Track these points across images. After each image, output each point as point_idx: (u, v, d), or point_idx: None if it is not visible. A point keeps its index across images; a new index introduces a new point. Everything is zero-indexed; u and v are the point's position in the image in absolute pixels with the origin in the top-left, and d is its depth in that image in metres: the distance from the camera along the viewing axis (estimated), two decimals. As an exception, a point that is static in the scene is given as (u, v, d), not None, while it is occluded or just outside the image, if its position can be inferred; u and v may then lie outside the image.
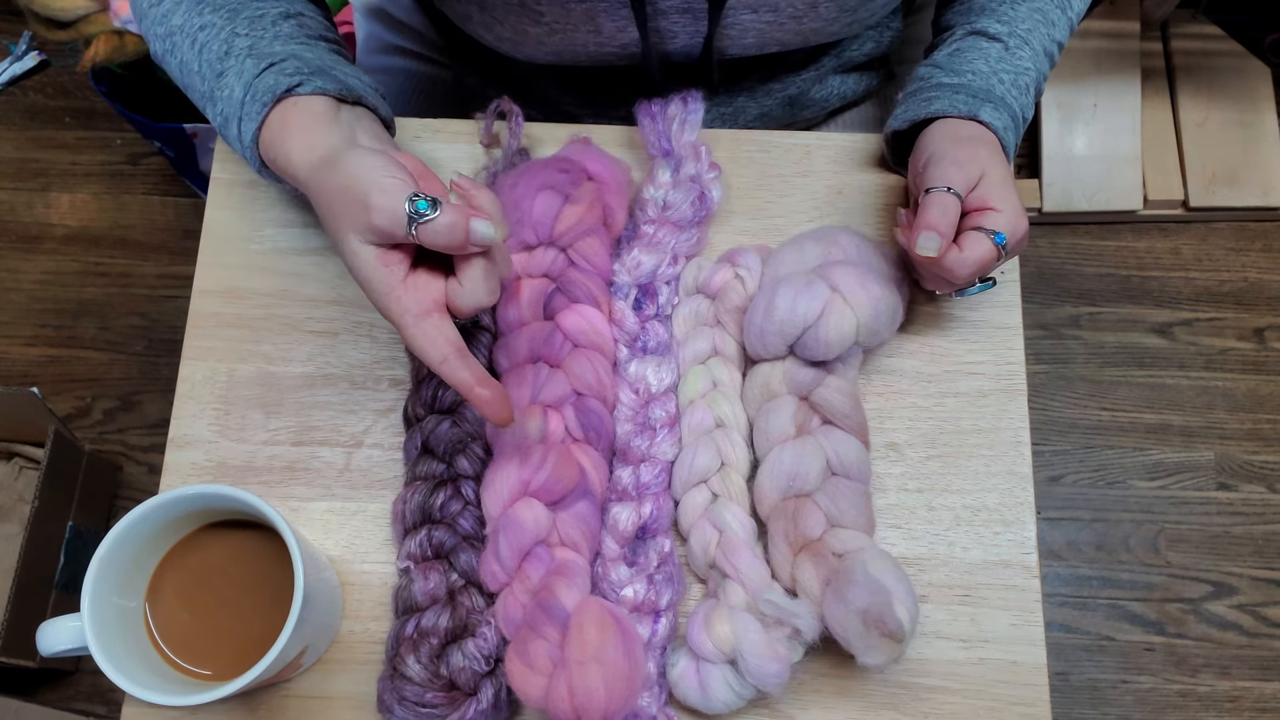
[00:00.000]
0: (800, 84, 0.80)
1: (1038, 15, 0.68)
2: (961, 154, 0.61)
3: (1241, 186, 1.49)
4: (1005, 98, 0.66)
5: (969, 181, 0.61)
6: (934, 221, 0.59)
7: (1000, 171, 0.62)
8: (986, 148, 0.62)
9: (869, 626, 0.54)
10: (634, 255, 0.67)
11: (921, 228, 0.59)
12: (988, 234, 0.60)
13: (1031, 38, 0.67)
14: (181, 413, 0.67)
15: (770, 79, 0.79)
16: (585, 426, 0.62)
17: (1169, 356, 1.47)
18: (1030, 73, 0.67)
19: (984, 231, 0.60)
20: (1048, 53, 0.69)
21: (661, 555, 0.61)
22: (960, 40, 0.68)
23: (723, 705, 0.58)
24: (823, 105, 0.84)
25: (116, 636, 0.54)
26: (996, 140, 0.64)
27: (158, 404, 1.45)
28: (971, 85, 0.65)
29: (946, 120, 0.65)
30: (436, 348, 0.51)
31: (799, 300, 0.61)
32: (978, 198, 0.61)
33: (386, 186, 0.50)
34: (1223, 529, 1.38)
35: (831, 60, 0.80)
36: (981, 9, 0.69)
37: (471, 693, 0.57)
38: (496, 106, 0.72)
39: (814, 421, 0.63)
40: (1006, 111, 0.65)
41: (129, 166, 1.59)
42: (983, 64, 0.66)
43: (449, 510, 0.61)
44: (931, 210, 0.59)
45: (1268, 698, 1.31)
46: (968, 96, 0.65)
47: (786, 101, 0.81)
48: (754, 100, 0.80)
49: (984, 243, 0.60)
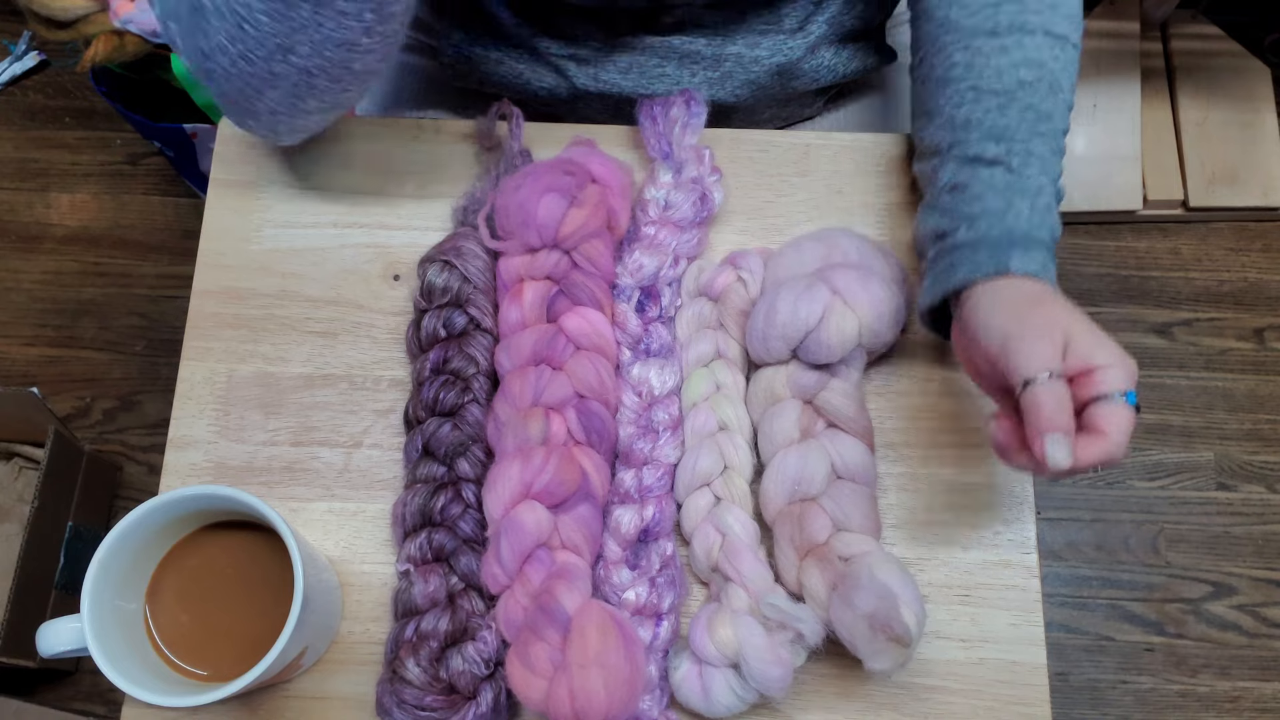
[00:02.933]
0: (788, 51, 0.76)
1: (1030, 114, 0.61)
2: (1038, 323, 0.53)
3: (1241, 186, 1.49)
4: (1031, 232, 0.58)
5: (1059, 352, 0.52)
6: (1052, 421, 0.50)
7: (1079, 320, 0.53)
8: (1049, 301, 0.55)
9: (876, 631, 0.54)
10: (635, 257, 0.67)
11: (1043, 432, 0.50)
12: (1116, 399, 0.51)
13: (1034, 145, 0.61)
14: (181, 413, 0.67)
15: (755, 41, 0.76)
16: (587, 429, 0.62)
17: (1169, 356, 1.47)
18: (1047, 189, 0.60)
19: (1110, 399, 0.51)
20: (1056, 150, 0.62)
21: (664, 558, 0.61)
22: (957, 171, 0.62)
23: (725, 709, 0.58)
24: (813, 79, 0.80)
25: (116, 637, 0.54)
26: (1044, 283, 0.57)
27: (157, 404, 1.45)
28: (990, 236, 0.58)
29: (985, 286, 0.57)
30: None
31: (800, 304, 0.61)
32: (1078, 361, 0.52)
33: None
34: (1223, 529, 1.38)
35: (821, 26, 0.77)
36: (967, 122, 0.62)
37: (471, 696, 0.57)
38: (497, 109, 0.72)
39: (818, 425, 0.63)
40: (1037, 248, 0.58)
41: (129, 166, 1.59)
42: (993, 199, 0.60)
43: (449, 513, 0.61)
44: (1044, 409, 0.50)
45: (1267, 698, 1.31)
46: (990, 251, 0.58)
47: (775, 70, 0.77)
48: (741, 66, 0.77)
49: (1120, 411, 0.51)
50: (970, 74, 0.63)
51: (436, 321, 0.65)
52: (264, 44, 0.56)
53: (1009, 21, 0.63)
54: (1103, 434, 0.50)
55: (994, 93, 0.62)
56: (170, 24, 0.60)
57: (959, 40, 0.64)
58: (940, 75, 0.65)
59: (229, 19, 0.56)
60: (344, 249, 0.71)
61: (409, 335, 0.67)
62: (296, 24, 0.55)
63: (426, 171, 0.73)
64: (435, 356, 0.65)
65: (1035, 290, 0.56)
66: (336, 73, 0.59)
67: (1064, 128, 0.62)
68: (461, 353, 0.64)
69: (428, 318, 0.65)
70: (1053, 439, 0.49)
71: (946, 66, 0.64)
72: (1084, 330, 0.53)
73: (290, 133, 0.66)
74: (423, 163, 0.73)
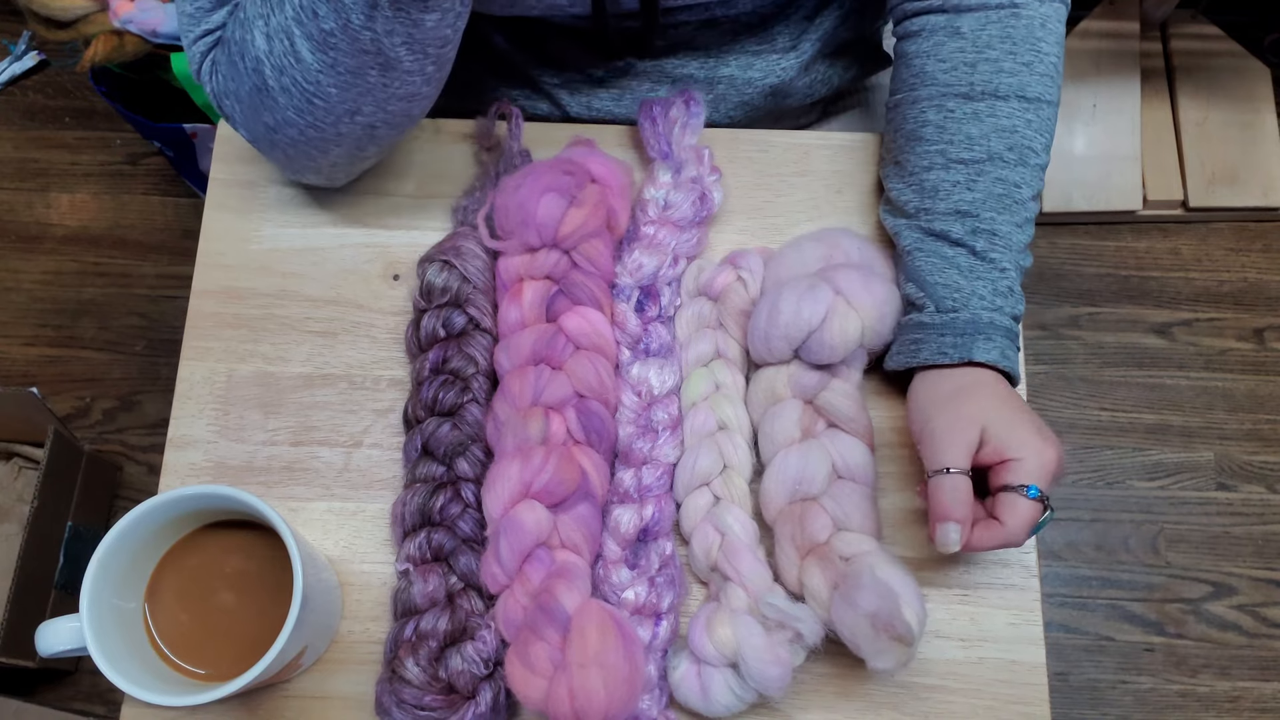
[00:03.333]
0: (781, 72, 0.77)
1: (998, 186, 0.62)
2: (951, 420, 0.57)
3: (1241, 186, 1.49)
4: (994, 320, 0.61)
5: (970, 446, 0.56)
6: (947, 510, 0.55)
7: (1003, 414, 0.57)
8: (977, 396, 0.58)
9: (878, 630, 0.54)
10: (635, 257, 0.67)
11: (937, 520, 0.55)
12: (1019, 491, 0.55)
13: (1000, 223, 0.62)
14: (181, 413, 0.67)
15: (748, 64, 0.77)
16: (587, 428, 0.62)
17: (1168, 357, 1.47)
18: (1010, 270, 0.62)
19: (1014, 490, 0.55)
20: (1024, 220, 0.63)
21: (663, 558, 0.61)
22: (922, 241, 0.64)
23: (724, 708, 0.58)
24: (807, 94, 0.81)
25: (115, 637, 0.54)
26: (994, 375, 0.60)
27: (157, 404, 1.45)
28: (954, 324, 0.61)
29: (928, 374, 0.61)
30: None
31: (803, 304, 0.61)
32: (992, 452, 0.56)
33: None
34: (1222, 529, 1.38)
35: (815, 43, 0.77)
36: (935, 190, 0.63)
37: (470, 696, 0.57)
38: (497, 109, 0.72)
39: (819, 425, 0.63)
40: (998, 335, 0.60)
41: (128, 166, 1.59)
42: (957, 277, 0.62)
43: (449, 513, 0.61)
44: (939, 501, 0.55)
45: (1267, 698, 1.31)
46: (954, 338, 0.60)
47: (768, 91, 0.78)
48: (734, 89, 0.77)
49: (1020, 504, 0.55)
50: (941, 137, 0.64)
51: (436, 321, 0.65)
52: (332, 111, 0.59)
53: (983, 85, 0.63)
54: (1001, 524, 0.55)
55: (963, 163, 0.63)
56: (228, 102, 0.61)
57: (933, 97, 0.65)
58: (911, 130, 0.66)
59: (297, 96, 0.58)
60: (343, 249, 0.71)
61: (408, 335, 0.67)
62: (363, 89, 0.57)
63: (426, 171, 0.73)
64: (434, 356, 0.65)
65: (971, 382, 0.59)
66: (398, 121, 0.61)
67: (1035, 191, 0.64)
68: (461, 352, 0.64)
69: (427, 317, 0.65)
70: (943, 527, 0.55)
71: (919, 123, 0.65)
72: (1004, 422, 0.57)
73: (346, 178, 0.68)
74: (422, 163, 0.73)
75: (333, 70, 0.56)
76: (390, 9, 0.53)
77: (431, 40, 0.56)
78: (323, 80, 0.57)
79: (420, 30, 0.55)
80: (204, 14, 0.61)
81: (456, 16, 0.56)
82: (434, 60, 0.58)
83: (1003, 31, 0.63)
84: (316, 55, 0.56)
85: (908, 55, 0.67)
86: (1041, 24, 0.64)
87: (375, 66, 0.56)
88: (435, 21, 0.55)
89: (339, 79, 0.56)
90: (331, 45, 0.55)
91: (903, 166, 0.66)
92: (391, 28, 0.54)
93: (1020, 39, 0.63)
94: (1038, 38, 0.63)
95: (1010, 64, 0.63)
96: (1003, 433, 0.56)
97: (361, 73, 0.56)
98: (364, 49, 0.55)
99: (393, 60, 0.56)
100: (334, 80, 0.57)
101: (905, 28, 0.68)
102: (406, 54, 0.56)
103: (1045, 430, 0.57)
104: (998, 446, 0.56)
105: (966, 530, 0.55)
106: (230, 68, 0.60)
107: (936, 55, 0.65)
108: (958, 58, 0.64)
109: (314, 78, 0.57)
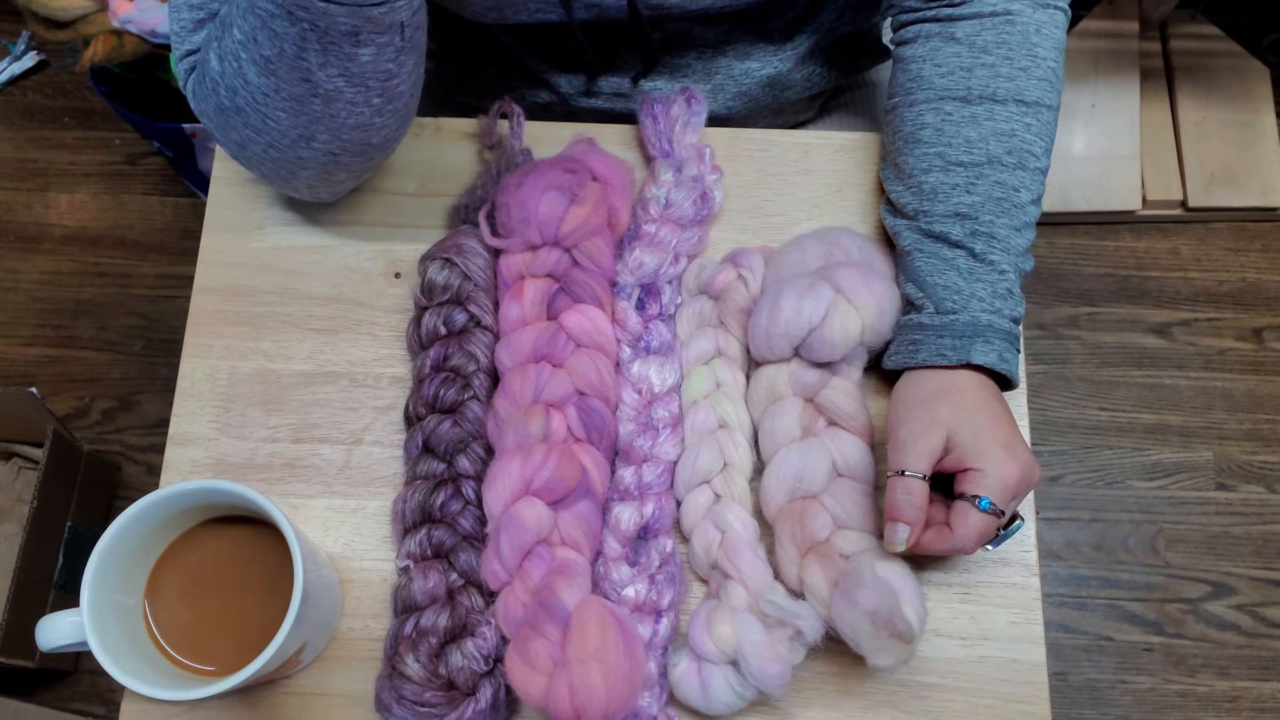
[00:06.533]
0: (778, 64, 0.77)
1: (997, 189, 0.62)
2: (921, 424, 0.57)
3: (1240, 186, 1.49)
4: (993, 323, 0.61)
5: (933, 451, 0.57)
6: (897, 511, 0.56)
7: (973, 424, 0.57)
8: (951, 402, 0.58)
9: (878, 628, 0.54)
10: (636, 255, 0.67)
11: (888, 519, 0.57)
12: (971, 502, 0.56)
13: (998, 226, 0.62)
14: (182, 410, 0.67)
15: (745, 53, 0.77)
16: (587, 426, 0.62)
17: (1168, 356, 1.47)
18: (1009, 272, 0.62)
19: (967, 500, 0.56)
20: (1023, 224, 0.63)
21: (663, 555, 0.61)
22: (922, 242, 0.64)
23: (724, 706, 0.58)
24: (805, 88, 0.81)
25: (115, 631, 0.54)
26: (980, 380, 0.60)
27: (156, 404, 1.45)
28: (955, 325, 0.61)
29: (913, 374, 0.61)
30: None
31: (804, 302, 0.61)
32: (954, 460, 0.57)
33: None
34: (1221, 529, 1.39)
35: (812, 37, 0.77)
36: (934, 192, 0.63)
37: (470, 692, 0.57)
38: (499, 107, 0.72)
39: (819, 423, 0.63)
40: (997, 337, 0.60)
41: (128, 166, 1.59)
42: (956, 279, 0.62)
43: (449, 510, 0.61)
44: (893, 499, 0.56)
45: (1266, 698, 1.31)
46: (953, 340, 0.60)
47: (766, 82, 0.78)
48: (731, 79, 0.77)
49: (970, 514, 0.56)
50: (940, 140, 0.64)
51: (437, 319, 0.65)
52: (286, 135, 0.59)
53: (980, 89, 0.63)
54: (951, 531, 0.56)
55: (962, 165, 0.63)
56: (204, 119, 0.63)
57: (930, 100, 0.65)
58: (909, 133, 0.66)
59: (252, 116, 0.59)
60: (345, 246, 0.71)
61: (409, 332, 0.67)
62: (312, 117, 0.58)
63: (427, 169, 0.73)
64: (436, 353, 0.65)
65: (948, 385, 0.60)
66: (358, 149, 0.61)
67: (1035, 195, 0.64)
68: (462, 350, 0.65)
69: (428, 315, 0.65)
70: (891, 527, 0.57)
71: (917, 125, 0.65)
72: (971, 432, 0.57)
73: (331, 195, 0.69)
74: (423, 161, 0.73)
75: (278, 95, 0.56)
76: (318, 44, 0.53)
77: (372, 74, 0.56)
78: (271, 103, 0.57)
79: (356, 64, 0.55)
80: (187, 33, 0.62)
81: (397, 51, 0.56)
82: (379, 93, 0.57)
83: (998, 37, 0.63)
84: (262, 79, 0.56)
85: (904, 60, 0.67)
86: (1037, 30, 0.64)
87: (317, 96, 0.56)
88: (371, 56, 0.55)
89: (285, 104, 0.57)
90: (272, 72, 0.55)
91: (901, 169, 0.66)
92: (325, 60, 0.54)
93: (1016, 44, 0.63)
94: (1034, 43, 0.64)
95: (1007, 69, 0.63)
96: (967, 442, 0.57)
97: (305, 100, 0.56)
98: (303, 78, 0.55)
99: (332, 93, 0.56)
100: (281, 105, 0.57)
101: (902, 35, 0.68)
102: (346, 86, 0.56)
103: (1015, 445, 0.57)
104: (960, 455, 0.57)
105: (917, 532, 0.56)
106: (199, 85, 0.61)
107: (933, 60, 0.65)
108: (954, 62, 0.64)
109: (263, 100, 0.57)
